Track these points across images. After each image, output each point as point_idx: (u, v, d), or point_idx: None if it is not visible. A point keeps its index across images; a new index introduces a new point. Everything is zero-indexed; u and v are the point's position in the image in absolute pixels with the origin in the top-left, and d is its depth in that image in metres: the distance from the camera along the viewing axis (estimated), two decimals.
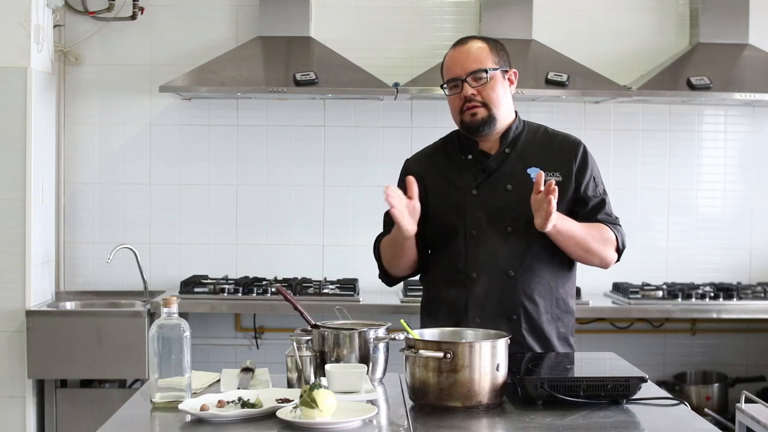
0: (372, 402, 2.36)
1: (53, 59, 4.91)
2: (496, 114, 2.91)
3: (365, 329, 2.64)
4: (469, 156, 2.97)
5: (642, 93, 4.82)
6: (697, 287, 4.91)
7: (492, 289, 2.88)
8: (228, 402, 2.34)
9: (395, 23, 5.18)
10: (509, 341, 2.45)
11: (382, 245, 3.04)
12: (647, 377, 2.47)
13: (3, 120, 4.56)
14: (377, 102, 5.14)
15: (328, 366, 2.50)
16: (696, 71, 4.83)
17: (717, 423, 3.14)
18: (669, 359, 5.24)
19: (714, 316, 4.77)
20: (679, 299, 4.76)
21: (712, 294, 4.81)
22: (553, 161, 2.94)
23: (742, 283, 5.06)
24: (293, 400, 2.32)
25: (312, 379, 2.54)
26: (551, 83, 4.72)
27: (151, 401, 2.42)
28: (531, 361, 2.70)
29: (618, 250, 2.97)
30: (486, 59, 2.90)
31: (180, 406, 2.32)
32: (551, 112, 5.17)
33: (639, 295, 4.78)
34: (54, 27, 4.92)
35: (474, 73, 2.89)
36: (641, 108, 5.23)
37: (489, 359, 2.37)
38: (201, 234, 5.19)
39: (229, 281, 4.87)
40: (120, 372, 4.57)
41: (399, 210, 2.74)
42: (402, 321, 2.65)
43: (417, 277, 3.12)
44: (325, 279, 5.00)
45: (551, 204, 2.67)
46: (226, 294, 4.72)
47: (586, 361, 2.87)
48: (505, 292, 2.88)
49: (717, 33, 5.01)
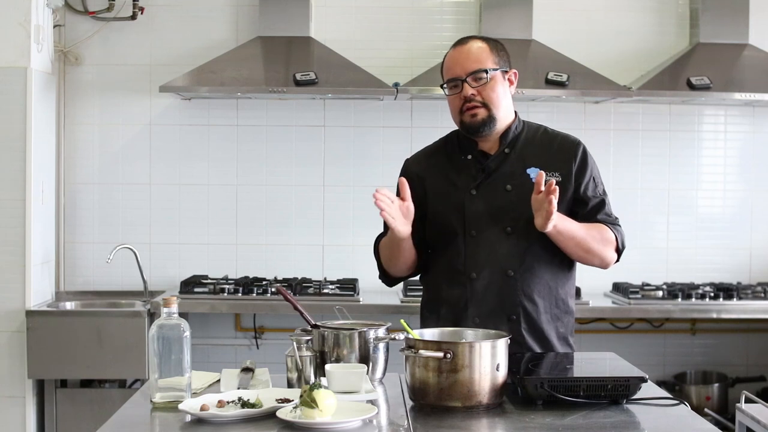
0: (372, 402, 2.36)
1: (53, 59, 4.91)
2: (495, 114, 2.91)
3: (365, 329, 2.64)
4: (469, 156, 2.97)
5: (642, 93, 4.82)
6: (697, 287, 4.91)
7: (491, 289, 2.88)
8: (228, 402, 2.34)
9: (395, 23, 5.18)
10: (509, 341, 2.46)
11: (380, 246, 3.04)
12: (647, 377, 2.47)
13: (3, 120, 4.56)
14: (377, 102, 5.14)
15: (328, 366, 2.50)
16: (696, 71, 4.83)
17: (717, 423, 3.14)
18: (669, 359, 5.24)
19: (714, 316, 4.77)
20: (679, 299, 4.76)
21: (712, 294, 4.81)
22: (553, 161, 2.94)
23: (742, 283, 5.05)
24: (293, 400, 2.32)
25: (312, 379, 2.54)
26: (551, 83, 4.72)
27: (151, 401, 2.42)
28: (531, 361, 2.70)
29: (618, 250, 2.97)
30: (486, 59, 2.90)
31: (180, 406, 2.32)
32: (551, 112, 5.17)
33: (639, 295, 4.78)
34: (54, 27, 4.92)
35: (474, 73, 2.89)
36: (641, 108, 5.23)
37: (489, 359, 2.37)
38: (201, 234, 5.19)
39: (229, 281, 4.87)
40: (120, 372, 4.57)
41: (388, 212, 2.75)
42: (402, 321, 2.65)
43: (417, 278, 3.12)
44: (325, 279, 5.00)
45: (552, 204, 2.67)
46: (226, 294, 4.72)
47: (586, 361, 2.87)
48: (505, 292, 2.88)
49: (717, 33, 5.01)
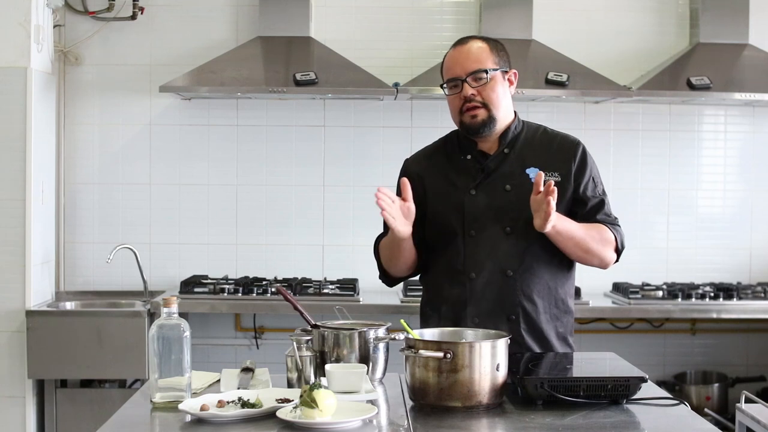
0: (372, 402, 2.36)
1: (53, 59, 4.91)
2: (495, 115, 2.91)
3: (365, 329, 2.64)
4: (468, 156, 2.97)
5: (642, 93, 4.82)
6: (697, 287, 4.91)
7: (491, 289, 2.87)
8: (228, 402, 2.34)
9: (395, 23, 5.18)
10: (509, 341, 2.46)
11: (380, 246, 3.04)
12: (647, 377, 2.47)
13: (3, 120, 4.56)
14: (377, 102, 5.14)
15: (328, 366, 2.50)
16: (696, 71, 4.83)
17: (717, 423, 3.14)
18: (669, 359, 5.24)
19: (714, 316, 4.77)
20: (679, 299, 4.76)
21: (712, 294, 4.81)
22: (552, 161, 2.94)
23: (742, 283, 5.05)
24: (293, 400, 2.32)
25: (312, 379, 2.54)
26: (551, 83, 4.72)
27: (151, 401, 2.42)
28: (531, 361, 2.69)
29: (617, 250, 2.96)
30: (486, 59, 2.90)
31: (180, 406, 2.32)
32: (551, 112, 5.17)
33: (639, 295, 4.78)
34: (54, 27, 4.92)
35: (474, 74, 2.88)
36: (641, 108, 5.23)
37: (489, 359, 2.37)
38: (201, 234, 5.19)
39: (229, 281, 4.87)
40: (120, 372, 4.57)
41: (389, 213, 2.75)
42: (402, 321, 2.65)
43: (417, 278, 3.12)
44: (325, 279, 5.00)
45: (550, 205, 2.67)
46: (226, 294, 4.72)
47: (586, 361, 2.87)
48: (504, 292, 2.88)
49: (717, 33, 5.01)
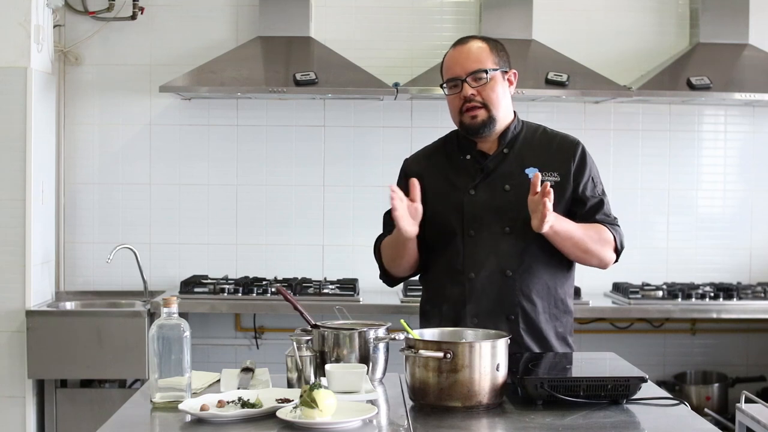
0: (372, 402, 2.36)
1: (53, 59, 4.91)
2: (495, 115, 2.91)
3: (365, 329, 2.64)
4: (468, 156, 2.97)
5: (642, 93, 4.82)
6: (697, 287, 4.91)
7: (490, 289, 2.87)
8: (228, 402, 2.34)
9: (395, 23, 5.18)
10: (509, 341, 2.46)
11: (383, 246, 3.04)
12: (647, 377, 2.47)
13: (3, 120, 4.56)
14: (377, 102, 5.14)
15: (328, 366, 2.50)
16: (696, 71, 4.82)
17: (717, 423, 3.14)
18: (669, 359, 5.24)
19: (714, 316, 4.77)
20: (679, 299, 4.76)
21: (712, 294, 4.81)
22: (552, 161, 2.94)
23: (742, 283, 5.05)
24: (293, 400, 2.32)
25: (312, 379, 2.54)
26: (551, 83, 4.72)
27: (151, 401, 2.42)
28: (531, 361, 2.69)
29: (616, 250, 2.96)
30: (486, 59, 2.90)
31: (180, 406, 2.32)
32: (551, 112, 5.17)
33: (639, 295, 4.78)
34: (54, 27, 4.91)
35: (474, 74, 2.88)
36: (641, 108, 5.23)
37: (489, 359, 2.37)
38: (201, 234, 5.19)
39: (229, 281, 4.87)
40: (120, 372, 4.57)
41: (400, 212, 2.75)
42: (402, 321, 2.65)
43: (417, 277, 3.12)
44: (325, 279, 5.00)
45: (546, 206, 2.67)
46: (226, 294, 4.72)
47: (586, 361, 2.87)
48: (503, 291, 2.88)
49: (717, 33, 5.01)
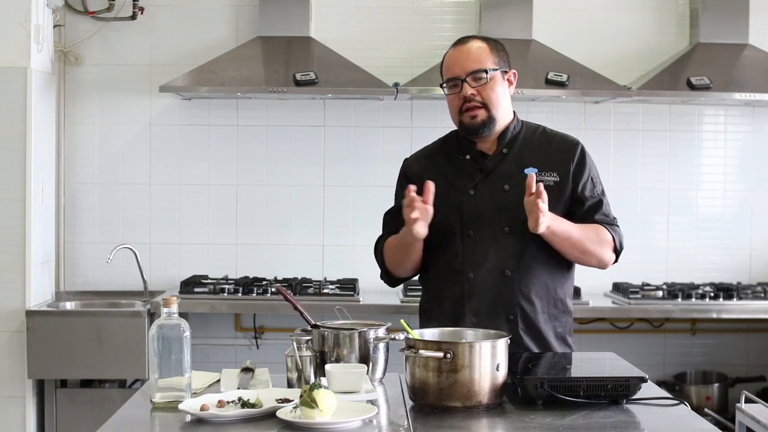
0: (372, 402, 2.36)
1: (53, 59, 4.91)
2: (495, 115, 2.91)
3: (365, 329, 2.64)
4: (467, 156, 2.97)
5: (642, 93, 4.82)
6: (697, 287, 4.91)
7: (489, 289, 2.87)
8: (228, 402, 2.34)
9: (395, 23, 5.18)
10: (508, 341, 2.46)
11: (387, 247, 3.02)
12: (647, 377, 2.47)
13: (3, 120, 4.56)
14: (377, 102, 5.14)
15: (328, 366, 2.50)
16: (696, 71, 4.82)
17: (717, 423, 3.14)
18: (669, 359, 5.24)
19: (714, 316, 4.77)
20: (679, 299, 4.76)
21: (712, 294, 4.81)
22: (551, 161, 2.94)
23: (742, 283, 5.05)
24: (293, 400, 2.32)
25: (312, 379, 2.54)
26: (551, 83, 4.72)
27: (151, 401, 2.42)
28: (531, 361, 2.69)
29: (616, 251, 2.96)
30: (486, 59, 2.90)
31: (180, 406, 2.31)
32: (551, 112, 5.17)
33: (639, 295, 4.78)
34: (54, 27, 4.91)
35: (474, 73, 2.88)
36: (641, 108, 5.23)
37: (489, 359, 2.36)
38: (201, 234, 5.18)
39: (229, 281, 4.87)
40: (120, 372, 4.57)
41: (419, 216, 2.74)
42: (402, 321, 2.65)
43: (417, 277, 3.11)
44: (325, 279, 5.00)
45: (540, 207, 2.67)
46: (226, 294, 4.72)
47: (586, 361, 2.87)
48: (502, 291, 2.88)
49: (717, 33, 5.01)
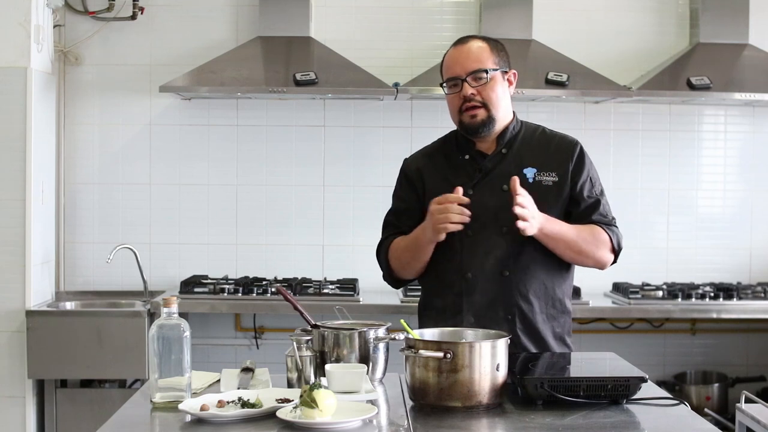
0: (372, 402, 2.36)
1: (53, 59, 4.91)
2: (495, 115, 2.91)
3: (365, 329, 2.64)
4: (466, 156, 2.97)
5: (642, 93, 4.82)
6: (697, 287, 4.91)
7: (487, 289, 2.87)
8: (228, 402, 2.34)
9: (395, 23, 5.18)
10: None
11: (394, 248, 2.99)
12: (647, 377, 2.47)
13: (3, 120, 4.55)
14: (377, 102, 5.14)
15: (328, 366, 2.50)
16: (696, 71, 4.82)
17: (717, 423, 3.14)
18: (669, 359, 5.24)
19: (714, 316, 4.77)
20: (679, 299, 4.76)
21: (712, 294, 4.81)
22: (550, 161, 2.94)
23: (742, 283, 5.05)
24: (293, 400, 2.32)
25: (312, 379, 2.54)
26: (551, 83, 4.72)
27: (151, 401, 2.42)
28: (531, 361, 2.70)
29: (614, 251, 2.95)
30: (486, 59, 2.90)
31: (180, 406, 2.31)
32: (551, 112, 5.17)
33: (639, 295, 4.78)
34: (54, 27, 4.91)
35: (474, 73, 2.89)
36: (641, 108, 5.23)
37: (489, 359, 2.36)
38: (201, 234, 5.18)
39: (229, 281, 4.87)
40: (120, 372, 4.57)
41: (458, 221, 2.75)
42: (402, 321, 2.65)
43: None
44: (325, 279, 5.00)
45: (519, 214, 2.70)
46: (226, 294, 4.72)
47: (586, 361, 2.87)
48: (501, 291, 2.88)
49: (717, 33, 5.01)
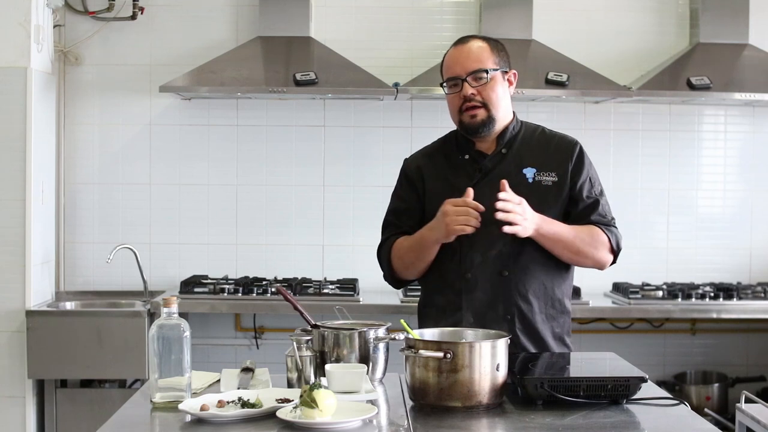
0: (372, 402, 2.36)
1: (53, 59, 4.91)
2: (495, 115, 2.91)
3: (365, 329, 2.64)
4: (466, 156, 2.97)
5: (642, 93, 4.82)
6: (697, 287, 4.91)
7: (486, 289, 2.87)
8: (228, 402, 2.34)
9: (395, 23, 5.18)
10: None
11: (397, 249, 2.98)
12: (647, 377, 2.47)
13: (3, 120, 4.56)
14: (377, 102, 5.14)
15: (328, 366, 2.50)
16: (696, 71, 4.82)
17: (717, 423, 3.14)
18: (669, 359, 5.24)
19: (714, 316, 4.77)
20: (679, 299, 4.76)
21: (712, 294, 4.81)
22: (549, 161, 2.94)
23: (742, 283, 5.05)
24: (293, 400, 2.32)
25: (312, 379, 2.54)
26: (551, 83, 4.72)
27: (151, 401, 2.42)
28: (530, 361, 2.70)
29: (612, 251, 2.95)
30: (487, 59, 2.90)
31: (180, 406, 2.32)
32: (551, 112, 5.17)
33: (639, 295, 4.78)
34: (54, 27, 4.91)
35: (474, 73, 2.88)
36: (641, 108, 5.23)
37: (489, 359, 2.36)
38: (201, 234, 5.18)
39: (229, 281, 4.87)
40: (120, 372, 4.57)
41: (474, 224, 2.76)
42: (402, 321, 2.65)
43: None
44: (325, 279, 5.00)
45: (508, 218, 2.71)
46: (226, 294, 4.72)
47: (586, 361, 2.87)
48: (500, 292, 2.88)
49: (717, 33, 5.01)
